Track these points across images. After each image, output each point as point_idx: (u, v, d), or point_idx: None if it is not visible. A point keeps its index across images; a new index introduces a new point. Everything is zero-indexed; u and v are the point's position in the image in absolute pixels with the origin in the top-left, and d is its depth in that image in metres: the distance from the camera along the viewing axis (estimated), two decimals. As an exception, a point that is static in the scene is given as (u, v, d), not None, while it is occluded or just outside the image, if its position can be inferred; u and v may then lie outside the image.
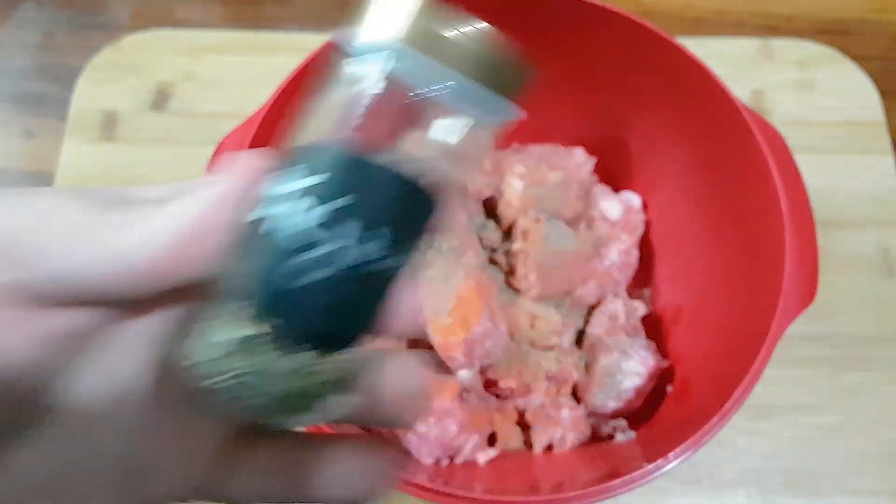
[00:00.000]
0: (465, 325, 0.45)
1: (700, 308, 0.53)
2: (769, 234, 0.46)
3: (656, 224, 0.58)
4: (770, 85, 0.68)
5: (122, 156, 0.64)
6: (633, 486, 0.41)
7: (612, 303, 0.54)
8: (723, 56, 0.68)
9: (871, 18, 0.74)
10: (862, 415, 0.56)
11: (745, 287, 0.48)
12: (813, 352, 0.58)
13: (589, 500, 0.40)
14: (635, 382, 0.50)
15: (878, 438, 0.55)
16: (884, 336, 0.59)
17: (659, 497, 0.53)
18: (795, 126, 0.66)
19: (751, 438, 0.55)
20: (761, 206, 0.47)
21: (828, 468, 0.54)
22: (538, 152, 0.57)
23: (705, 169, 0.53)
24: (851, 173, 0.65)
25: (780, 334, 0.43)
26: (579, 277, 0.53)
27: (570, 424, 0.50)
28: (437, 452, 0.46)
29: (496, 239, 0.55)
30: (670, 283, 0.56)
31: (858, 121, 0.67)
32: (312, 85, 0.24)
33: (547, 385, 0.50)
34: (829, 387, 0.57)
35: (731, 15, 0.74)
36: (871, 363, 0.58)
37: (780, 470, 0.54)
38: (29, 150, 0.66)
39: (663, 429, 0.48)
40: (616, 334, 0.52)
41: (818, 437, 0.55)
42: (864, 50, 0.72)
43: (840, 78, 0.69)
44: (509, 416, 0.51)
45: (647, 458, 0.42)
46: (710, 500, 0.53)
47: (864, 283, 0.61)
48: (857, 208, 0.63)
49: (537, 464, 0.49)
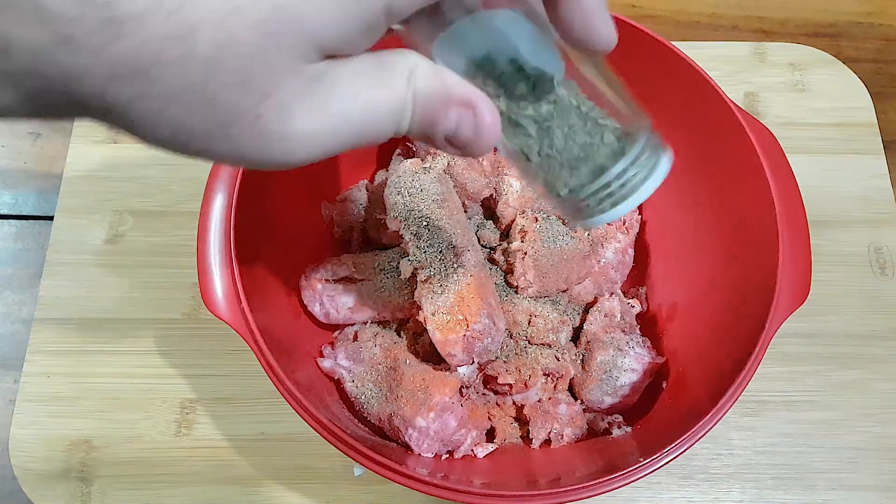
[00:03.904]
0: (464, 323, 0.46)
1: (695, 306, 0.54)
2: (763, 233, 0.47)
3: (652, 223, 0.59)
4: (763, 87, 0.69)
5: (128, 157, 0.64)
6: (628, 480, 0.41)
7: (608, 300, 0.55)
8: (717, 59, 0.70)
9: (863, 22, 0.75)
10: (854, 411, 0.57)
11: (739, 285, 0.49)
12: (806, 349, 0.59)
13: (585, 494, 0.41)
14: (631, 379, 0.50)
15: (869, 434, 0.56)
16: (876, 333, 0.60)
17: (654, 491, 0.54)
18: (789, 127, 0.67)
19: (744, 434, 0.56)
20: (755, 206, 0.48)
21: (820, 463, 0.55)
22: (536, 153, 0.57)
23: (700, 169, 0.53)
24: (844, 174, 0.66)
25: (774, 332, 0.44)
26: (576, 276, 0.54)
27: (567, 420, 0.50)
28: (436, 447, 0.47)
29: (495, 238, 0.56)
30: (665, 281, 0.57)
31: (851, 122, 0.68)
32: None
33: (544, 381, 0.51)
34: (822, 383, 0.58)
35: (725, 18, 0.75)
36: (863, 360, 0.59)
37: (774, 465, 0.55)
38: (36, 150, 0.67)
39: (659, 424, 0.49)
40: (612, 331, 0.53)
41: (811, 432, 0.56)
42: (857, 53, 0.73)
43: (832, 80, 0.70)
44: (507, 411, 0.52)
45: (642, 453, 0.42)
46: (705, 495, 0.54)
47: (856, 281, 0.62)
48: (850, 208, 0.64)
49: (535, 458, 0.49)
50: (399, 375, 0.48)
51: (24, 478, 0.53)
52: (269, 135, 0.23)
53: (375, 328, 0.53)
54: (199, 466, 0.54)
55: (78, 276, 0.60)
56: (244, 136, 0.22)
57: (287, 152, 0.23)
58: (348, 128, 0.24)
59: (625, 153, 0.29)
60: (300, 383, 0.43)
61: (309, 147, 0.24)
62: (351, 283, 0.51)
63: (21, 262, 0.63)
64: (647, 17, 0.75)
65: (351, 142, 0.24)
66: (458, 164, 0.53)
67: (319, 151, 0.24)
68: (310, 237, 0.55)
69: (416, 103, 0.25)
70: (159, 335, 0.58)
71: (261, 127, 0.22)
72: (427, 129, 0.25)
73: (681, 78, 0.51)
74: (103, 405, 0.56)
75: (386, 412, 0.47)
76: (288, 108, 0.23)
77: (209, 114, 0.22)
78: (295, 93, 0.22)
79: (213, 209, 0.46)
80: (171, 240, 0.61)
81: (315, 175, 0.56)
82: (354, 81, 0.24)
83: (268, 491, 0.54)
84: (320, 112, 0.23)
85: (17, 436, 0.55)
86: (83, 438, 0.55)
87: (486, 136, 0.26)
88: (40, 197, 0.65)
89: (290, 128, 0.23)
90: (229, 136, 0.22)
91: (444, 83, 0.25)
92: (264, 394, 0.56)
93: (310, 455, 0.54)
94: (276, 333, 0.45)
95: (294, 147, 0.23)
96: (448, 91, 0.25)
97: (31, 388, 0.56)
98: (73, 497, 0.53)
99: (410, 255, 0.49)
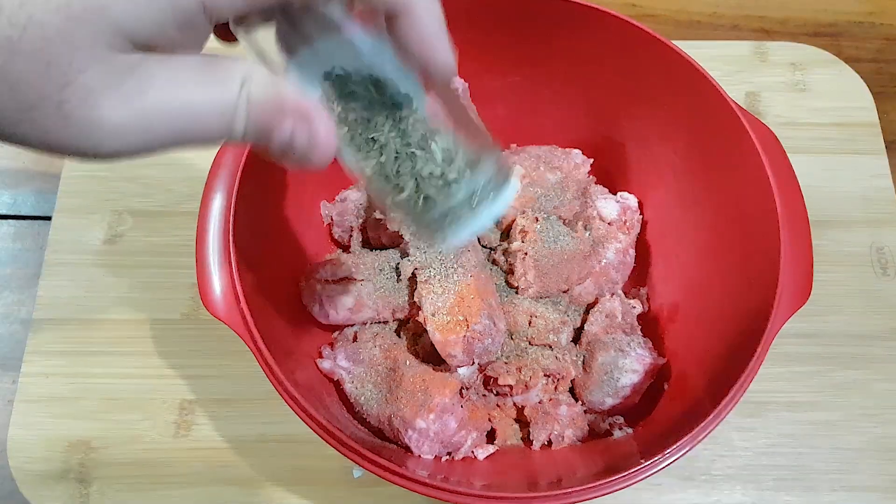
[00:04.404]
0: (464, 324, 0.46)
1: (696, 306, 0.53)
2: (764, 233, 0.46)
3: (653, 224, 0.58)
4: (764, 87, 0.69)
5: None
6: (630, 482, 0.41)
7: (609, 301, 0.54)
8: (718, 58, 0.69)
9: (864, 21, 0.75)
10: (855, 412, 0.57)
11: (740, 285, 0.49)
12: (807, 349, 0.59)
13: (587, 495, 0.41)
14: (632, 380, 0.50)
15: (871, 435, 0.56)
16: (877, 334, 0.60)
17: (655, 493, 0.54)
18: (790, 127, 0.67)
19: (746, 435, 0.56)
20: (756, 206, 0.48)
21: (822, 464, 0.55)
22: (536, 153, 0.57)
23: (701, 169, 0.53)
24: (845, 174, 0.65)
25: (776, 332, 0.43)
26: (577, 276, 0.53)
27: (568, 421, 0.50)
28: (436, 448, 0.47)
29: (495, 238, 0.56)
30: (666, 281, 0.57)
31: (852, 122, 0.68)
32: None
33: (545, 382, 0.50)
34: (824, 384, 0.58)
35: (726, 18, 0.75)
36: (864, 361, 0.59)
37: (775, 466, 0.55)
38: (33, 150, 0.67)
39: (660, 425, 0.49)
40: (613, 332, 0.53)
41: (812, 433, 0.56)
42: (858, 52, 0.73)
43: (833, 80, 0.70)
44: (508, 412, 0.52)
45: (643, 455, 0.42)
46: (706, 496, 0.54)
47: (857, 281, 0.61)
48: (851, 208, 0.64)
49: (536, 460, 0.49)
50: (399, 376, 0.48)
51: (23, 479, 0.53)
52: (74, 122, 0.22)
53: (375, 329, 0.52)
54: (198, 467, 0.54)
55: (77, 277, 0.60)
56: (49, 123, 0.22)
57: (95, 142, 0.23)
58: (165, 124, 0.24)
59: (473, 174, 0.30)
60: (299, 384, 0.42)
61: (118, 139, 0.23)
62: (351, 284, 0.51)
63: (20, 262, 0.63)
64: (648, 16, 0.74)
65: (171, 139, 0.24)
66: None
67: (133, 145, 0.24)
68: (310, 237, 0.55)
69: (251, 110, 0.25)
70: (158, 336, 0.58)
71: (65, 113, 0.22)
72: (262, 136, 0.25)
73: (681, 78, 0.50)
74: (102, 406, 0.56)
75: (385, 413, 0.47)
76: (93, 96, 0.22)
77: (11, 97, 0.22)
78: (101, 80, 0.22)
79: (212, 209, 0.45)
80: (170, 240, 0.61)
81: (315, 175, 0.56)
82: (176, 77, 0.24)
83: (267, 492, 0.53)
84: (131, 104, 0.23)
85: (15, 436, 0.55)
86: (82, 439, 0.55)
87: (320, 148, 0.26)
88: (39, 197, 0.65)
89: (97, 116, 0.23)
90: (33, 121, 0.22)
91: (279, 93, 0.25)
92: (263, 395, 0.56)
93: (309, 456, 0.54)
94: (275, 334, 0.45)
95: (101, 137, 0.23)
96: (283, 100, 0.25)
97: (29, 388, 0.56)
98: (71, 498, 0.53)
99: (410, 255, 0.49)
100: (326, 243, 0.57)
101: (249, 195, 0.46)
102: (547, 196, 0.55)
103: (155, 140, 0.24)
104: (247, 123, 0.25)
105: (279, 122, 0.25)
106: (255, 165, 0.46)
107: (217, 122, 0.24)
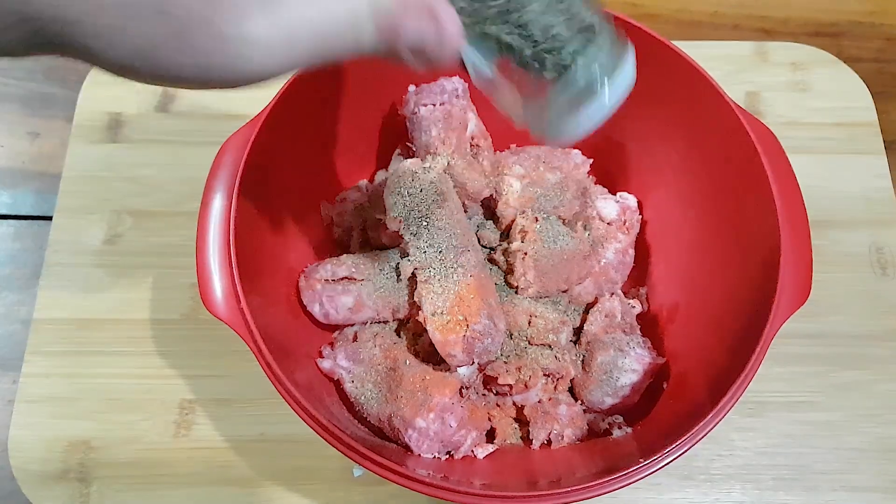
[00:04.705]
0: (464, 323, 0.46)
1: (695, 306, 0.53)
2: (764, 233, 0.46)
3: (652, 224, 0.58)
4: (765, 87, 0.69)
5: (127, 156, 0.64)
6: (629, 481, 0.41)
7: (608, 301, 0.54)
8: (718, 58, 0.69)
9: (865, 21, 0.75)
10: (855, 412, 0.57)
11: (740, 285, 0.49)
12: (807, 349, 0.59)
13: (586, 494, 0.41)
14: (632, 379, 0.50)
15: (870, 435, 0.56)
16: (877, 334, 0.60)
17: (655, 492, 0.54)
18: (790, 127, 0.67)
19: (745, 434, 0.56)
20: (756, 205, 0.48)
21: (821, 464, 0.55)
22: (536, 153, 0.57)
23: (701, 170, 0.53)
24: (845, 174, 0.65)
25: (775, 332, 0.43)
26: (576, 276, 0.53)
27: (567, 420, 0.50)
28: (436, 447, 0.47)
29: (495, 238, 0.56)
30: (666, 281, 0.57)
31: (852, 122, 0.68)
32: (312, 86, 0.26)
33: (545, 382, 0.50)
34: (823, 384, 0.58)
35: (727, 18, 0.75)
36: (864, 361, 0.59)
37: (775, 466, 0.55)
38: (34, 150, 0.67)
39: (659, 425, 0.49)
40: (613, 332, 0.53)
41: (812, 433, 0.56)
42: (858, 52, 0.73)
43: (834, 80, 0.70)
44: (508, 412, 0.52)
45: (643, 454, 0.42)
46: (705, 496, 0.54)
47: (857, 281, 0.61)
48: (851, 208, 0.64)
49: (535, 459, 0.49)
50: (399, 376, 0.48)
51: (23, 478, 0.53)
52: (225, 39, 0.23)
53: (375, 328, 0.52)
54: (197, 467, 0.54)
55: (76, 277, 0.60)
56: (201, 44, 0.23)
57: (245, 60, 0.24)
58: (306, 34, 0.24)
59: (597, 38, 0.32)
60: (299, 384, 0.42)
61: (267, 55, 0.24)
62: (351, 283, 0.51)
63: (19, 262, 0.63)
64: (648, 16, 0.74)
65: (309, 51, 0.25)
66: (458, 164, 0.53)
67: (279, 60, 0.25)
68: (310, 237, 0.55)
69: (376, 13, 0.25)
70: (158, 336, 0.58)
71: (216, 32, 0.23)
72: (390, 40, 0.26)
73: (681, 77, 0.50)
74: (102, 406, 0.56)
75: (385, 413, 0.47)
76: (242, 11, 0.23)
77: (163, 23, 0.22)
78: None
79: (212, 209, 0.45)
80: (170, 240, 0.61)
81: (315, 175, 0.56)
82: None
83: (267, 492, 0.53)
84: (277, 16, 0.24)
85: (15, 436, 0.55)
86: (82, 439, 0.55)
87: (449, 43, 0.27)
88: (39, 197, 0.65)
89: (247, 32, 0.23)
90: (186, 46, 0.23)
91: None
92: (263, 395, 0.56)
93: (309, 456, 0.54)
94: (275, 334, 0.45)
95: (251, 55, 0.24)
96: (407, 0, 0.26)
97: (29, 388, 0.56)
98: (71, 498, 0.53)
99: (410, 255, 0.49)
100: (326, 243, 0.57)
101: (249, 195, 0.46)
102: (546, 196, 0.55)
103: (298, 54, 0.25)
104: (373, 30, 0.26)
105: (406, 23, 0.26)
106: (255, 165, 0.46)
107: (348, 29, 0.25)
